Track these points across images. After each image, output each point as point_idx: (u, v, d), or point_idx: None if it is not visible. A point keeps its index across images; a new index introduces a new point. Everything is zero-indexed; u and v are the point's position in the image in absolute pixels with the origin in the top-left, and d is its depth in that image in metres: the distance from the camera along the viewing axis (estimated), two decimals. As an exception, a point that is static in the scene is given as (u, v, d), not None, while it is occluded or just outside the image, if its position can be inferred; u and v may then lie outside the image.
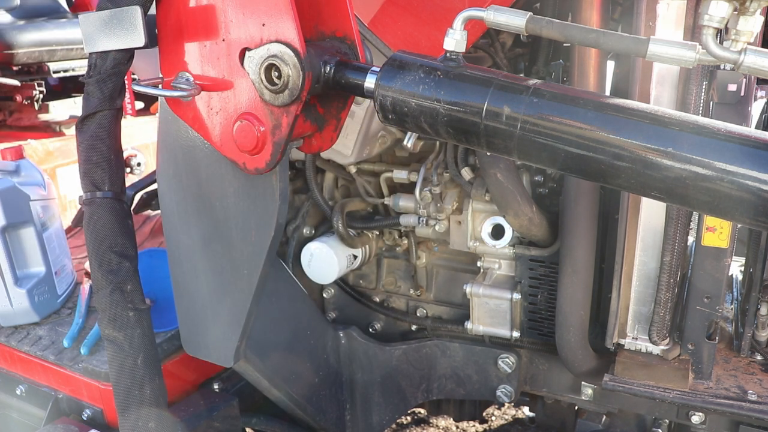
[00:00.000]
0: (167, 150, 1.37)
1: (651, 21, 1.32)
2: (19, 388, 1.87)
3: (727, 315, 1.84)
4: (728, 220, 1.21)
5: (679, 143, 0.88)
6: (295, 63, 1.05)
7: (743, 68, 0.90)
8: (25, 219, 1.89)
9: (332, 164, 1.89)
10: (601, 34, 0.97)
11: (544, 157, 0.97)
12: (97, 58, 1.19)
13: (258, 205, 1.29)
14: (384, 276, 2.09)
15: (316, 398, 1.94)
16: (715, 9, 0.90)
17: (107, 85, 1.20)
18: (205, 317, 1.48)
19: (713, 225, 1.41)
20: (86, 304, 1.97)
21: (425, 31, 1.43)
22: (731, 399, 1.52)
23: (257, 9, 1.08)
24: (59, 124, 3.36)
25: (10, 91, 3.30)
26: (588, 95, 0.96)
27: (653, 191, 0.92)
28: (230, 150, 1.20)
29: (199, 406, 1.74)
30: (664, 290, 1.47)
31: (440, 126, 1.02)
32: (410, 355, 1.98)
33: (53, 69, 3.28)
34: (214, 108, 1.19)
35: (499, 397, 1.90)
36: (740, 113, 1.34)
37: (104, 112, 1.21)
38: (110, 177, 1.24)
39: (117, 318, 1.26)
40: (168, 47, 1.21)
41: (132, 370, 1.28)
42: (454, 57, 1.02)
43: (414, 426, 3.16)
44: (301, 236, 2.00)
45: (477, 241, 1.80)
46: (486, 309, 1.81)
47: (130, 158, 3.33)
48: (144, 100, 3.59)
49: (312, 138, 1.24)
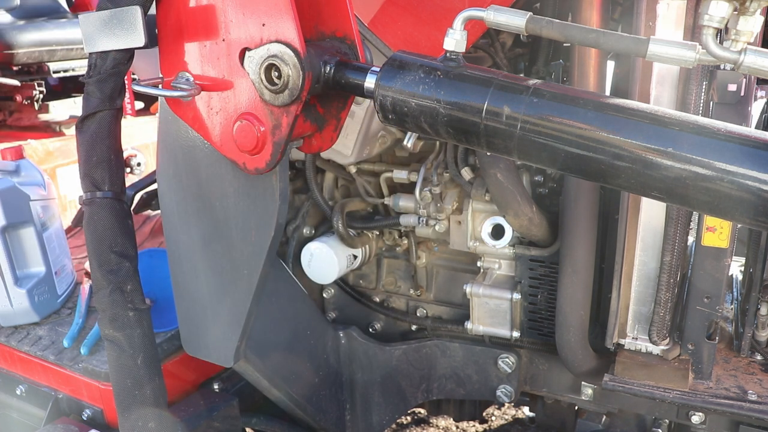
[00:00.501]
0: (167, 150, 1.37)
1: (651, 21, 1.32)
2: (19, 388, 1.87)
3: (727, 315, 1.84)
4: (728, 220, 1.20)
5: (679, 143, 0.88)
6: (295, 63, 1.05)
7: (743, 68, 0.90)
8: (25, 219, 1.89)
9: (332, 164, 1.89)
10: (601, 34, 0.97)
11: (544, 157, 0.97)
12: (97, 58, 1.19)
13: (258, 205, 1.29)
14: (384, 276, 2.09)
15: (316, 398, 1.94)
16: (715, 9, 0.90)
17: (107, 85, 1.20)
18: (205, 317, 1.48)
19: (713, 225, 1.41)
20: (86, 304, 1.97)
21: (425, 31, 1.43)
22: (731, 399, 1.52)
23: (257, 9, 1.08)
24: (59, 124, 3.36)
25: (10, 91, 3.30)
26: (588, 95, 0.96)
27: (653, 191, 0.92)
28: (230, 150, 1.20)
29: (199, 406, 1.74)
30: (664, 290, 1.47)
31: (440, 126, 1.02)
32: (410, 355, 1.98)
33: (53, 69, 3.28)
34: (214, 108, 1.19)
35: (499, 397, 1.90)
36: (740, 113, 1.34)
37: (104, 112, 1.21)
38: (110, 177, 1.24)
39: (117, 318, 1.26)
40: (168, 47, 1.21)
41: (132, 370, 1.28)
42: (454, 57, 1.02)
43: (414, 426, 3.16)
44: (301, 236, 2.00)
45: (477, 241, 1.80)
46: (486, 309, 1.81)
47: (130, 158, 3.33)
48: (144, 100, 3.59)
49: (312, 138, 1.24)
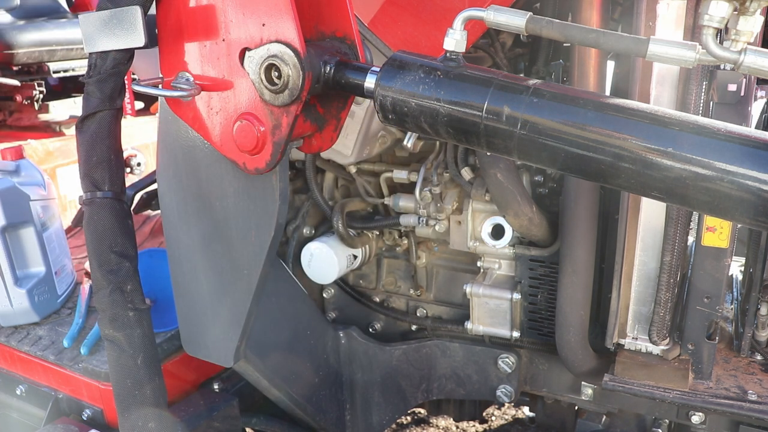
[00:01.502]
0: (167, 150, 1.37)
1: (651, 21, 1.32)
2: (19, 388, 1.87)
3: (727, 315, 1.84)
4: (728, 220, 1.20)
5: (679, 143, 0.88)
6: (295, 63, 1.05)
7: (743, 68, 0.90)
8: (25, 219, 1.89)
9: (332, 164, 1.89)
10: (601, 34, 0.97)
11: (544, 157, 0.97)
12: (97, 58, 1.19)
13: (258, 205, 1.29)
14: (384, 276, 2.09)
15: (316, 398, 1.94)
16: (715, 9, 0.90)
17: (107, 85, 1.20)
18: (205, 317, 1.48)
19: (713, 225, 1.41)
20: (86, 304, 1.97)
21: (425, 31, 1.43)
22: (731, 399, 1.52)
23: (257, 9, 1.08)
24: (59, 124, 3.36)
25: (10, 91, 3.30)
26: (588, 95, 0.96)
27: (653, 191, 0.92)
28: (230, 150, 1.20)
29: (199, 406, 1.74)
30: (664, 290, 1.47)
31: (440, 126, 1.02)
32: (410, 355, 1.98)
33: (53, 69, 3.28)
34: (214, 108, 1.19)
35: (499, 397, 1.90)
36: (740, 113, 1.34)
37: (104, 112, 1.21)
38: (110, 177, 1.24)
39: (117, 318, 1.26)
40: (168, 47, 1.21)
41: (132, 370, 1.28)
42: (454, 57, 1.02)
43: (414, 426, 3.16)
44: (301, 236, 2.00)
45: (477, 241, 1.80)
46: (486, 309, 1.81)
47: (130, 158, 3.33)
48: (144, 100, 3.59)
49: (312, 138, 1.24)
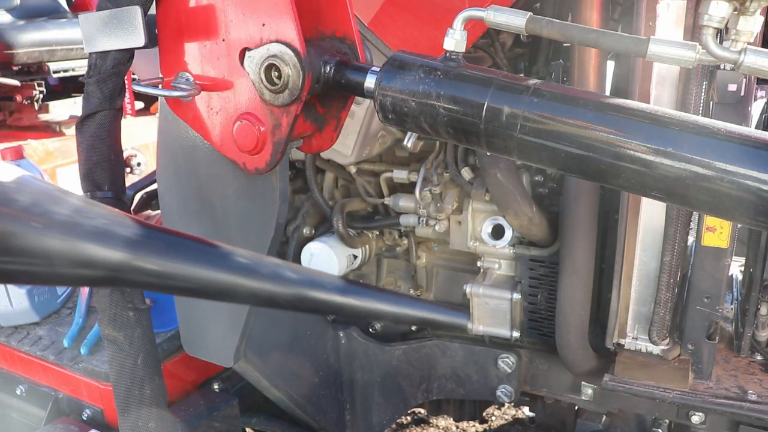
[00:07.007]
0: (167, 150, 1.37)
1: (651, 21, 1.32)
2: (19, 388, 1.87)
3: (727, 315, 1.84)
4: (728, 220, 1.21)
5: (679, 143, 0.88)
6: (295, 63, 1.05)
7: (743, 68, 0.90)
8: (25, 219, 1.88)
9: (332, 164, 1.89)
10: (601, 34, 0.97)
11: (544, 157, 0.97)
12: (97, 58, 1.19)
13: (258, 205, 1.29)
14: (384, 276, 2.09)
15: (316, 398, 1.94)
16: (715, 9, 0.90)
17: (107, 85, 1.20)
18: (205, 317, 1.48)
19: (713, 225, 1.41)
20: (86, 304, 1.97)
21: (425, 31, 1.43)
22: (731, 399, 1.52)
23: (257, 9, 1.08)
24: (59, 124, 3.36)
25: (10, 91, 3.30)
26: (588, 95, 0.96)
27: (653, 191, 0.92)
28: (230, 150, 1.20)
29: (199, 406, 1.74)
30: (664, 290, 1.47)
31: (440, 126, 1.02)
32: (410, 355, 1.98)
33: (53, 69, 3.28)
34: (214, 108, 1.19)
35: (499, 397, 1.90)
36: (740, 113, 1.34)
37: (104, 112, 1.21)
38: (110, 177, 1.24)
39: (117, 318, 1.26)
40: (168, 47, 1.21)
41: (132, 370, 1.29)
42: (454, 57, 1.02)
43: (414, 426, 3.16)
44: (301, 236, 2.00)
45: (477, 241, 1.80)
46: (486, 309, 1.80)
47: (130, 158, 3.33)
48: (144, 100, 3.59)
49: (312, 138, 1.24)
